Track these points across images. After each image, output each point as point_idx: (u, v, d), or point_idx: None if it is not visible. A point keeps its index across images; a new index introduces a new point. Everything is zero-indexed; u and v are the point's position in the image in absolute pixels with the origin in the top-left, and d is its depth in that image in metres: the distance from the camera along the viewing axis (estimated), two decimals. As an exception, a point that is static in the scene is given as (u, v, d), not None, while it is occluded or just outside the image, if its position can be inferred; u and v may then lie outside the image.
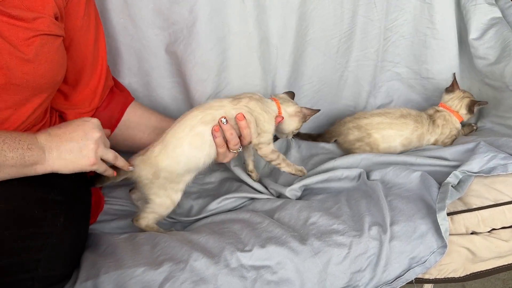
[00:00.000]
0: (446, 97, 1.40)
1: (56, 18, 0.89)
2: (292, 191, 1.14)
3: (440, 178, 1.08)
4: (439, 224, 0.95)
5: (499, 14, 1.40)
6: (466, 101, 1.37)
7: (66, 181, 0.93)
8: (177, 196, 1.07)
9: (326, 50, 1.41)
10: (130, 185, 1.15)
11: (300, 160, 1.36)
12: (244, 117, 1.01)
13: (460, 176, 1.06)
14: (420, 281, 1.01)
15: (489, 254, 1.02)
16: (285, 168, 1.14)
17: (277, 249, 0.93)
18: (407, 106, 1.53)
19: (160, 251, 0.93)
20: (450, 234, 0.98)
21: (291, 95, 1.21)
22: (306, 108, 1.15)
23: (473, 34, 1.39)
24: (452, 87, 1.40)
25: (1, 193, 0.81)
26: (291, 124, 1.14)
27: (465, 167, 1.07)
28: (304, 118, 1.15)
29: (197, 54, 1.24)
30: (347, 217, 1.02)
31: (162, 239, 0.98)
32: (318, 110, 1.18)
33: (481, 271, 1.06)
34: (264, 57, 1.31)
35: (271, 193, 1.19)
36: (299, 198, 1.16)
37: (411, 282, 0.97)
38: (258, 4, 1.26)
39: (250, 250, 0.93)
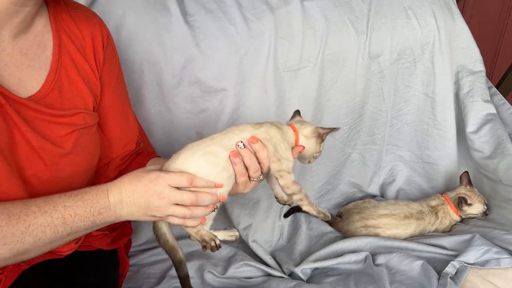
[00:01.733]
0: (450, 193, 1.52)
1: (93, 108, 0.93)
2: (304, 270, 1.25)
3: (438, 266, 1.19)
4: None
5: (493, 111, 1.56)
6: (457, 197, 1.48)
7: (101, 261, 1.02)
8: None
9: (338, 135, 1.55)
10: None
11: (309, 238, 1.47)
12: (258, 140, 0.94)
13: (458, 266, 1.18)
14: None
15: None
16: (306, 206, 1.01)
17: None
18: (409, 187, 1.67)
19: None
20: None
21: (298, 112, 1.11)
22: (322, 128, 1.03)
23: (470, 127, 1.55)
24: (460, 182, 1.52)
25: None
26: (309, 148, 1.03)
27: (462, 258, 1.18)
28: (321, 138, 1.03)
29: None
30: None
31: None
32: (336, 128, 1.06)
33: None
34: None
35: (283, 271, 1.30)
36: (310, 277, 1.27)
37: None
38: (279, 96, 1.41)
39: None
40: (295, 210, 1.56)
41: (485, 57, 1.69)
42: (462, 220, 1.52)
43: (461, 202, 1.44)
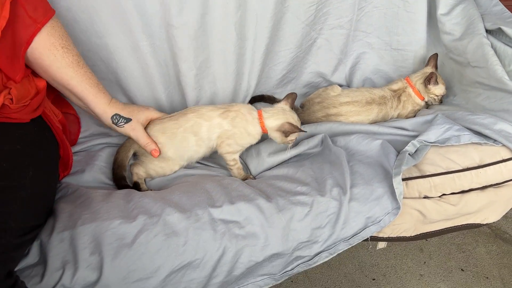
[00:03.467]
0: (414, 75, 1.47)
1: None
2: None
3: (399, 147, 1.16)
4: (394, 187, 1.04)
5: (467, -9, 1.46)
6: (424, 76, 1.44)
7: (29, 133, 0.96)
8: (171, 169, 1.20)
9: (304, 17, 1.43)
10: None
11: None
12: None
13: (418, 145, 1.15)
14: (374, 239, 1.11)
15: (438, 216, 1.13)
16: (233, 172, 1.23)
17: (245, 205, 1.01)
18: (376, 76, 1.60)
19: (134, 206, 0.99)
20: (404, 198, 1.07)
21: (293, 97, 1.24)
22: (289, 124, 1.16)
23: (441, 9, 1.45)
24: (428, 63, 1.47)
25: None
26: (275, 138, 1.21)
27: (422, 137, 1.15)
28: (285, 134, 1.17)
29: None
30: (310, 179, 1.10)
31: (136, 195, 1.03)
32: (302, 131, 1.19)
33: (430, 231, 1.17)
34: (241, 23, 1.32)
35: None
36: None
37: (366, 240, 1.07)
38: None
39: (220, 206, 1.00)
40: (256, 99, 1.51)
41: None
42: (427, 106, 1.49)
43: (430, 78, 1.40)
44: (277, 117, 1.18)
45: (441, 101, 1.46)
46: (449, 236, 1.89)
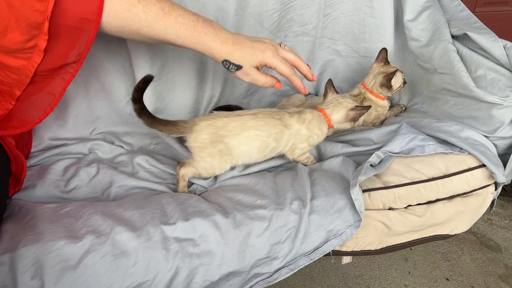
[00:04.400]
0: (367, 78, 1.44)
1: None
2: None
3: (365, 160, 1.12)
4: (353, 199, 1.00)
5: (434, -4, 1.44)
6: (380, 78, 1.39)
7: None
8: (221, 168, 1.13)
9: (267, 25, 1.40)
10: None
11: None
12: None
13: (382, 156, 1.11)
14: (337, 253, 1.07)
15: (403, 228, 1.09)
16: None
17: (200, 222, 0.96)
18: (345, 83, 1.58)
19: (83, 224, 0.93)
20: (367, 209, 1.04)
21: (331, 83, 1.24)
22: (352, 110, 1.18)
23: (408, 15, 1.43)
24: (376, 59, 1.43)
25: None
26: (345, 127, 1.22)
27: (386, 148, 1.12)
28: (353, 120, 1.19)
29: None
30: (271, 192, 1.06)
31: (86, 211, 0.98)
32: (366, 107, 1.18)
33: (396, 244, 1.13)
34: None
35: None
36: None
37: (328, 254, 1.02)
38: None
39: (174, 223, 0.95)
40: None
41: None
42: (392, 106, 1.45)
43: (389, 80, 1.36)
44: (337, 109, 1.19)
45: (405, 82, 1.42)
46: (434, 244, 1.86)
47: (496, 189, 1.21)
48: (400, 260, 1.78)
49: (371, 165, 1.08)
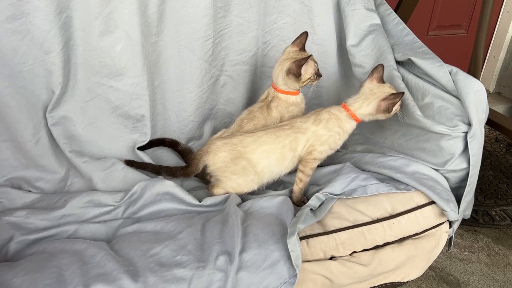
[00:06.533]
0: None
1: None
2: None
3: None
4: (290, 250, 0.87)
5: (377, 21, 1.36)
6: (287, 63, 1.18)
7: None
8: (249, 187, 1.11)
9: (199, 52, 1.28)
10: None
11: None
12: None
13: (323, 199, 1.00)
14: (272, 313, 0.92)
15: (347, 280, 0.97)
16: (296, 187, 1.12)
17: (103, 288, 0.80)
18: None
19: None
20: (305, 261, 0.91)
21: (378, 69, 1.13)
22: (384, 100, 1.08)
23: (351, 40, 1.34)
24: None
25: None
26: (380, 118, 1.12)
27: (327, 189, 1.01)
28: (387, 111, 1.09)
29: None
30: (195, 245, 0.91)
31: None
32: (400, 94, 1.08)
33: (342, 297, 1.00)
34: (121, 57, 1.16)
35: None
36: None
37: (261, 316, 0.88)
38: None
39: (68, 294, 0.79)
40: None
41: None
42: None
43: (299, 66, 1.13)
44: (367, 101, 1.10)
45: (319, 75, 1.21)
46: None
47: (451, 226, 1.10)
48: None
49: (311, 209, 0.96)
